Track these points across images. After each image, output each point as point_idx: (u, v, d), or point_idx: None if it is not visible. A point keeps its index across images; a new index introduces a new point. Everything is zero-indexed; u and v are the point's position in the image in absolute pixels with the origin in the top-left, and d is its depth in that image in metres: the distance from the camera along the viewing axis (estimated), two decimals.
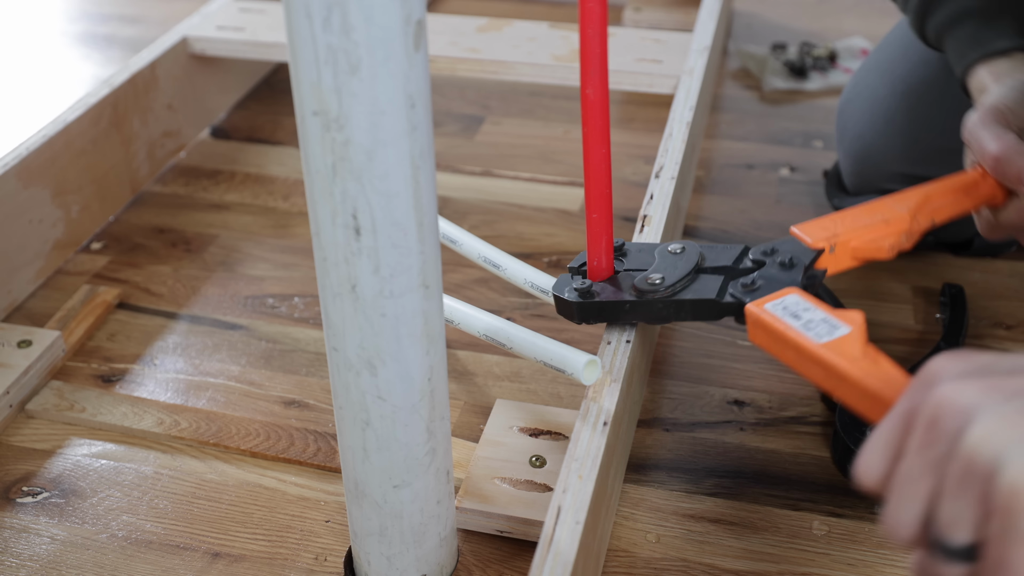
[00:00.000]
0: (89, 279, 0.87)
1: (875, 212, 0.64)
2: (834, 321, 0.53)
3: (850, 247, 0.63)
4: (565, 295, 0.63)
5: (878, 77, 0.86)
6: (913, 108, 0.83)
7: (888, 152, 0.84)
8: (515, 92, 1.18)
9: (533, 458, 0.66)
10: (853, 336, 0.52)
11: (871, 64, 0.88)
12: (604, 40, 0.56)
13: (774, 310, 0.56)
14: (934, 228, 0.65)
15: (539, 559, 0.50)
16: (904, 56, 0.84)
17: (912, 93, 0.83)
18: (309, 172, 0.45)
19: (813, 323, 0.54)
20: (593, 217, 0.62)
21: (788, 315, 0.55)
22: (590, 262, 0.64)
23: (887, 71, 0.85)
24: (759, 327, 0.56)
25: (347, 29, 0.40)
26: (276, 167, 1.03)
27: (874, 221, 0.63)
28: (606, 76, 0.57)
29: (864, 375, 0.48)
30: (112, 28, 1.36)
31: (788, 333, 0.53)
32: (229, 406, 0.74)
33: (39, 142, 0.84)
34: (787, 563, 0.62)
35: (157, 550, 0.63)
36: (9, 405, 0.72)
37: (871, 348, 0.50)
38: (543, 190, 0.99)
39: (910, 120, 0.83)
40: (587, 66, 0.56)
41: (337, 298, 0.48)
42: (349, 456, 0.53)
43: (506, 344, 0.64)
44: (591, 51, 0.56)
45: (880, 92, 0.85)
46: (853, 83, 0.89)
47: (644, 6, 1.33)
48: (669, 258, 0.64)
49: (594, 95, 0.57)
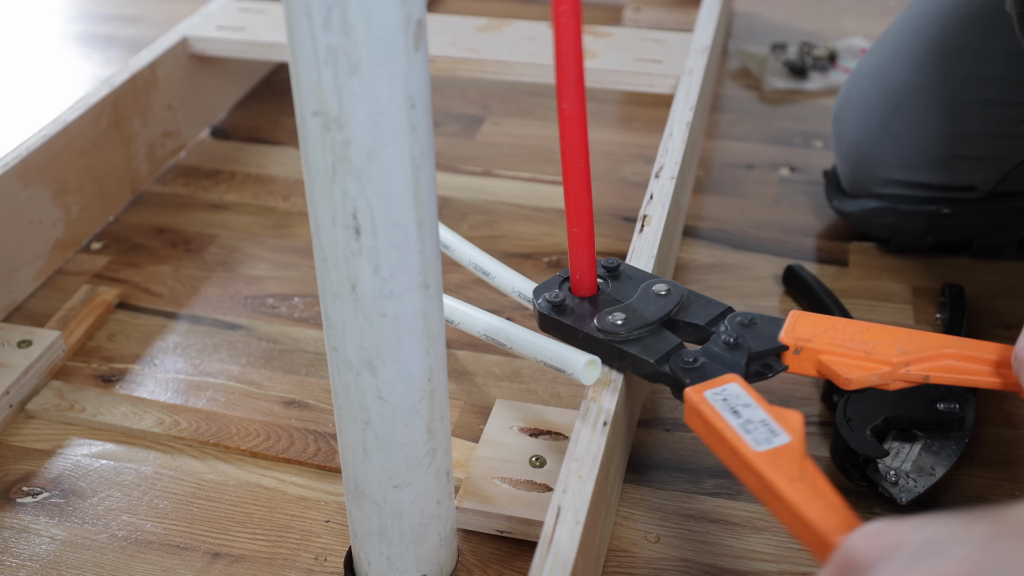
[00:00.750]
0: (89, 279, 0.87)
1: (868, 338, 0.59)
2: (773, 425, 0.51)
3: (816, 358, 0.59)
4: (537, 301, 0.63)
5: (871, 83, 0.86)
6: (907, 114, 0.83)
7: (883, 159, 0.84)
8: (515, 92, 1.18)
9: (533, 458, 0.66)
10: (792, 448, 0.49)
11: (863, 70, 0.88)
12: (579, 54, 0.55)
13: (713, 400, 0.53)
14: (928, 383, 0.59)
15: (539, 559, 0.50)
16: (895, 62, 0.84)
17: (905, 99, 0.83)
18: (309, 172, 0.45)
19: (752, 424, 0.51)
20: (574, 231, 0.61)
21: (727, 409, 0.53)
22: (572, 276, 0.64)
23: (878, 77, 0.85)
24: (695, 415, 0.54)
25: (347, 29, 0.40)
26: (276, 167, 1.03)
27: (856, 346, 0.58)
28: (583, 90, 0.56)
29: (802, 501, 0.47)
30: (112, 28, 1.36)
31: (725, 432, 0.51)
32: (229, 406, 0.74)
33: (39, 142, 0.84)
34: (787, 563, 0.62)
35: (157, 550, 0.63)
36: (9, 405, 0.72)
37: (809, 464, 0.49)
38: (543, 190, 0.99)
39: (903, 126, 0.83)
40: (563, 80, 0.55)
41: (337, 298, 0.48)
42: (349, 456, 0.53)
43: (506, 344, 0.64)
44: (567, 65, 0.55)
45: (872, 98, 0.85)
46: (846, 89, 0.89)
47: (644, 6, 1.33)
48: (648, 298, 0.62)
49: (570, 109, 0.56)
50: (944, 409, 0.66)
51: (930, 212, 0.85)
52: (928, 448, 0.66)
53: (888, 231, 0.87)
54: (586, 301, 0.63)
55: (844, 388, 0.58)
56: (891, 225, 0.86)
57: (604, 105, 1.15)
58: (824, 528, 0.45)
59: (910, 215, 0.85)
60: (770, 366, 0.59)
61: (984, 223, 0.85)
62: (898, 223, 0.86)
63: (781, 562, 0.62)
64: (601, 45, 1.02)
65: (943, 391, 0.67)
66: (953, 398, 0.67)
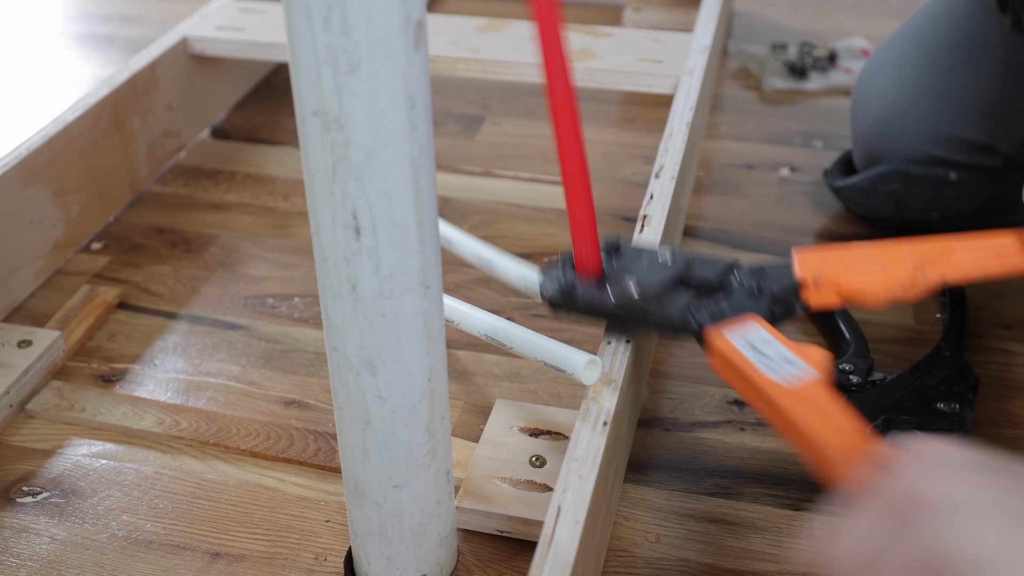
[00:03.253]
0: (89, 279, 0.87)
1: (878, 257, 0.59)
2: (796, 361, 0.50)
3: (837, 286, 0.59)
4: (546, 283, 0.63)
5: (905, 43, 0.86)
6: (944, 68, 0.82)
7: (914, 110, 0.83)
8: (515, 92, 1.18)
9: (533, 458, 0.66)
10: (816, 384, 0.49)
11: (896, 36, 0.88)
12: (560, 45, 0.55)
13: (733, 339, 0.53)
14: (947, 287, 0.59)
15: (539, 559, 0.50)
16: (932, 24, 0.84)
17: (943, 55, 0.82)
18: (309, 172, 0.45)
19: (773, 361, 0.51)
20: (576, 216, 0.61)
21: (748, 347, 0.52)
22: (577, 257, 0.64)
23: (914, 38, 0.85)
24: (717, 356, 0.54)
25: (347, 29, 0.40)
26: (276, 167, 1.03)
27: (870, 266, 0.59)
28: (570, 84, 0.56)
29: (836, 440, 0.46)
30: (112, 28, 1.36)
31: (746, 369, 0.51)
32: (229, 406, 0.74)
33: (39, 142, 0.84)
34: (787, 563, 0.62)
35: (157, 550, 0.63)
36: (9, 405, 0.72)
37: (834, 397, 0.48)
38: (543, 190, 0.99)
39: (940, 78, 0.82)
40: (551, 73, 0.56)
41: (337, 298, 0.48)
42: (349, 456, 0.53)
43: (506, 344, 0.64)
44: (553, 58, 0.55)
45: (908, 56, 0.84)
46: (876, 55, 0.89)
47: (644, 6, 1.33)
48: (656, 266, 0.63)
49: (559, 101, 0.56)
50: (944, 409, 0.66)
51: (937, 177, 0.84)
52: None
53: (892, 202, 0.86)
54: (595, 277, 0.64)
55: (873, 308, 0.57)
56: (896, 193, 0.85)
57: (604, 105, 1.15)
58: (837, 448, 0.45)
59: (917, 180, 0.85)
60: (792, 307, 0.59)
61: (990, 196, 0.85)
62: (904, 190, 0.85)
63: (781, 562, 0.62)
64: (601, 45, 1.02)
65: (943, 391, 0.67)
66: (953, 398, 0.67)
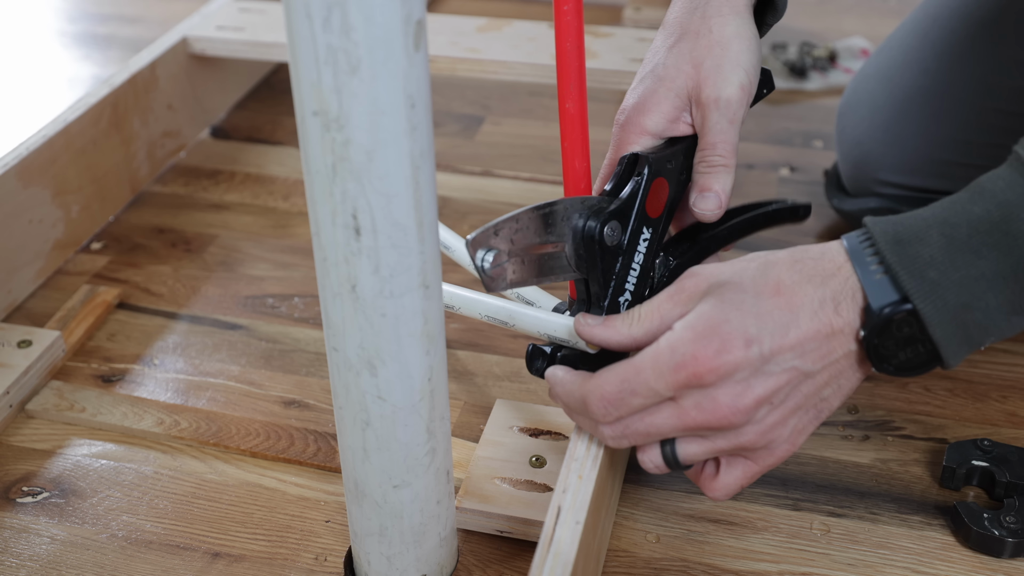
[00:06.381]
0: (89, 279, 0.87)
1: None
2: None
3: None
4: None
5: (877, 84, 0.86)
6: (911, 118, 0.83)
7: (885, 160, 0.84)
8: (515, 92, 1.18)
9: (533, 458, 0.66)
10: None
11: (871, 69, 0.88)
12: (582, 52, 0.55)
13: None
14: None
15: (539, 559, 0.50)
16: (904, 64, 0.84)
17: (911, 102, 0.83)
18: (309, 172, 0.45)
19: None
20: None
21: None
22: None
23: (887, 78, 0.85)
24: None
25: (347, 29, 0.40)
26: (276, 167, 1.03)
27: None
28: (584, 88, 0.57)
29: None
30: (112, 28, 1.36)
31: None
32: (229, 406, 0.74)
33: (39, 142, 0.84)
34: (787, 563, 0.62)
35: (157, 550, 0.63)
36: (9, 405, 0.72)
37: None
38: (543, 190, 0.99)
39: (907, 130, 0.83)
40: (564, 79, 0.56)
41: (337, 298, 0.48)
42: (349, 456, 0.53)
43: (508, 322, 0.63)
44: (569, 65, 0.55)
45: (879, 100, 0.85)
46: (853, 88, 0.89)
47: (644, 6, 1.33)
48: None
49: (573, 108, 0.57)
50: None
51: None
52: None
53: None
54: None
55: None
56: None
57: (604, 105, 1.15)
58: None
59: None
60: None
61: None
62: None
63: (781, 562, 0.62)
64: (601, 45, 1.02)
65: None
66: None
